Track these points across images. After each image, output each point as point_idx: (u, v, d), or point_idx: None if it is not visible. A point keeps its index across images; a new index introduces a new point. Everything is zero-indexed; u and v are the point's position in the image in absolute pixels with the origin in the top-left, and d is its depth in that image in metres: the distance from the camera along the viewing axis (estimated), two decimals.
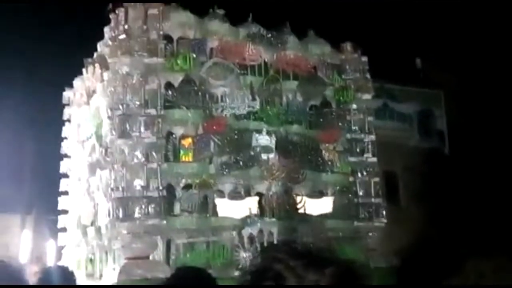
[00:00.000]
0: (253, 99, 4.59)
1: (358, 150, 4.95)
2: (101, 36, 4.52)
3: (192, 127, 4.27)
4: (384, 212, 4.75)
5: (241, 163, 4.31)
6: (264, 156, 4.45)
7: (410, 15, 6.37)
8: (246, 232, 4.03)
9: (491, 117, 6.03)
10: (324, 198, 4.59)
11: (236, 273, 3.70)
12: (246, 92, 4.57)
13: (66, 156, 5.02)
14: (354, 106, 5.08)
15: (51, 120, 5.51)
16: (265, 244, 3.92)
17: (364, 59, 5.25)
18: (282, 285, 1.09)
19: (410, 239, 5.12)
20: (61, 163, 5.01)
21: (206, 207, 4.02)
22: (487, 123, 6.04)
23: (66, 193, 4.94)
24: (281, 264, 1.05)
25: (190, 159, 4.13)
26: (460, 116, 6.36)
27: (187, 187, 4.05)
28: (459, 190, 5.83)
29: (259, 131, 4.49)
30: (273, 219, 4.18)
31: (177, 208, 3.99)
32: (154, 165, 3.87)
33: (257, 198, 4.26)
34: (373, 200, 4.78)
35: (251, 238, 4.04)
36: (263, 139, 4.53)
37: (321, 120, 4.91)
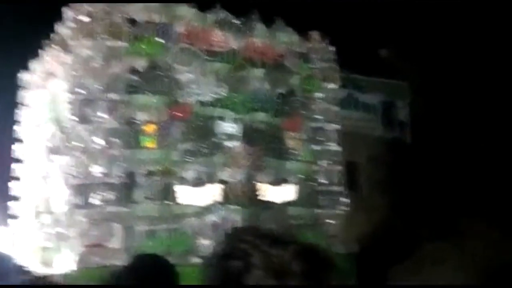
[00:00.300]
0: (220, 86, 4.56)
1: (322, 139, 5.01)
2: (59, 17, 4.37)
3: (156, 113, 4.21)
4: (345, 200, 4.84)
5: (205, 150, 4.28)
6: (229, 144, 4.45)
7: (378, 6, 6.43)
8: (208, 219, 4.04)
9: (454, 109, 6.19)
10: (287, 186, 4.64)
11: (197, 260, 3.72)
12: (212, 79, 4.54)
13: (19, 140, 4.86)
14: (320, 95, 5.12)
15: (5, 104, 5.30)
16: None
17: (332, 48, 5.28)
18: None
19: (370, 226, 5.24)
20: (14, 147, 4.85)
21: (168, 194, 3.99)
22: (450, 114, 6.19)
23: (18, 178, 4.80)
24: (246, 244, 1.06)
25: (153, 146, 4.07)
26: (422, 107, 6.50)
27: (150, 174, 4.00)
28: (420, 179, 5.98)
29: (224, 119, 4.48)
30: (237, 207, 4.20)
31: (138, 195, 3.94)
32: (116, 151, 3.80)
33: (220, 186, 4.26)
34: (335, 188, 4.86)
35: (213, 226, 4.05)
36: (229, 127, 4.52)
37: (287, 108, 4.92)
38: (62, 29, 4.40)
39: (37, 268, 3.71)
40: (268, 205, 4.42)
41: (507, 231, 4.99)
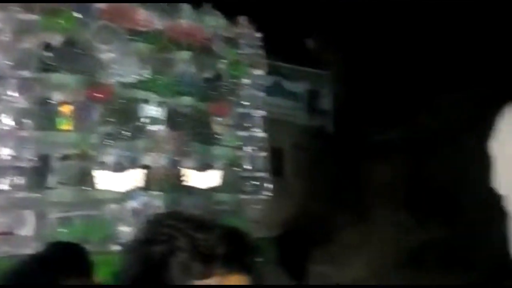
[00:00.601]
0: (143, 67, 4.39)
1: (248, 125, 5.03)
2: None
3: (73, 93, 3.96)
4: (269, 186, 4.91)
5: (127, 134, 4.12)
6: (152, 128, 4.32)
7: None
8: (129, 205, 3.91)
9: (375, 100, 6.46)
10: (212, 172, 4.61)
11: (116, 248, 3.59)
12: (135, 59, 4.36)
13: None
14: (247, 81, 5.12)
15: None
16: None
17: (259, 35, 5.29)
18: None
19: (293, 211, 5.37)
20: None
21: (85, 179, 3.80)
22: (371, 104, 6.46)
23: None
24: (170, 228, 1.05)
25: (70, 128, 3.84)
26: (345, 98, 6.74)
27: (65, 157, 3.78)
28: (341, 167, 6.21)
29: (148, 102, 4.34)
30: (159, 192, 4.11)
31: (52, 180, 3.71)
32: (27, 133, 3.54)
33: (143, 171, 4.13)
34: (259, 174, 4.92)
35: (134, 212, 3.93)
36: (152, 110, 4.39)
37: (213, 93, 4.87)
38: None
39: None
40: (192, 190, 4.38)
41: (418, 218, 5.36)
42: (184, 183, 4.36)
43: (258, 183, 4.93)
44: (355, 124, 6.42)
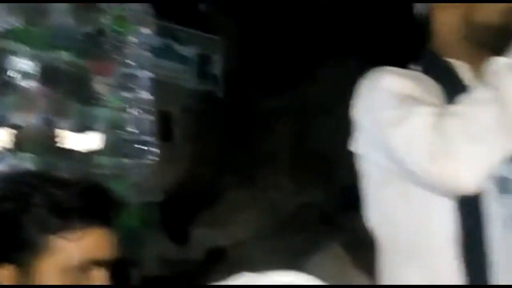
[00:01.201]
0: (13, 15, 3.96)
1: (133, 86, 4.82)
2: None
3: None
4: (155, 150, 4.80)
5: None
6: (23, 83, 3.95)
7: None
8: None
9: (264, 67, 6.56)
10: (92, 134, 4.36)
11: None
12: (3, 6, 3.90)
13: None
14: (133, 39, 4.87)
15: None
16: None
17: None
18: None
19: (178, 175, 5.33)
20: None
21: None
22: (260, 72, 6.55)
23: None
24: (23, 185, 1.03)
25: None
26: (235, 62, 6.75)
27: None
28: (228, 131, 6.27)
29: (17, 54, 3.94)
30: (30, 154, 3.80)
31: None
32: None
33: (10, 130, 3.78)
34: (145, 138, 4.77)
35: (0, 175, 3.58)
36: (23, 64, 4.00)
37: (95, 49, 4.55)
38: None
39: None
40: (69, 153, 4.12)
41: (299, 183, 5.65)
42: (59, 145, 4.08)
43: (143, 147, 4.79)
44: (244, 91, 6.48)
